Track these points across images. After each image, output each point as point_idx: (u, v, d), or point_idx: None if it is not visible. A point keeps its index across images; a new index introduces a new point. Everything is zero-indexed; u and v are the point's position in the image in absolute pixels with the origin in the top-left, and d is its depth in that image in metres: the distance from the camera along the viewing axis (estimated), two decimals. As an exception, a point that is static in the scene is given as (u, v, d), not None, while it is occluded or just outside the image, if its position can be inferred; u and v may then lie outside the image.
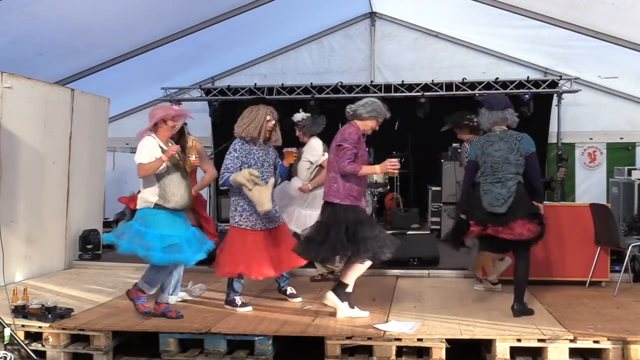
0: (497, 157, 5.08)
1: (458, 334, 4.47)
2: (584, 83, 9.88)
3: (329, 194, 4.89)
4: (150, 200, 4.77)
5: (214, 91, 10.61)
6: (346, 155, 4.76)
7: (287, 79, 10.63)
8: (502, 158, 5.06)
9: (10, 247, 5.83)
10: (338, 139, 4.89)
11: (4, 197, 6.16)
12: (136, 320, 4.86)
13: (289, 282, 5.66)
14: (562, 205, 6.58)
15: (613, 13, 6.61)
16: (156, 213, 4.75)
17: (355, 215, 4.81)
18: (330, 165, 4.97)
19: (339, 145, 4.83)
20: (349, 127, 4.93)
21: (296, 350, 4.86)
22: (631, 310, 5.14)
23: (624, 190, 8.60)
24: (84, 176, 7.46)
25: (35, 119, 6.66)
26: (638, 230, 7.13)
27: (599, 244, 6.02)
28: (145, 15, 7.35)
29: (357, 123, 4.95)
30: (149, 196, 4.78)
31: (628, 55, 7.49)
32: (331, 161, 4.95)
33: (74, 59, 7.80)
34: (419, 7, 9.80)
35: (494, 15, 8.13)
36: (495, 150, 5.11)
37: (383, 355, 4.39)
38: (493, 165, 5.09)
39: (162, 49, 8.26)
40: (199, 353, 4.59)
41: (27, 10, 6.18)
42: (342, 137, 4.85)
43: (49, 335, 4.67)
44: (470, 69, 10.30)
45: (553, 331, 4.46)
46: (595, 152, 10.28)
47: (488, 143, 5.18)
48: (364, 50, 10.81)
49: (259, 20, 8.54)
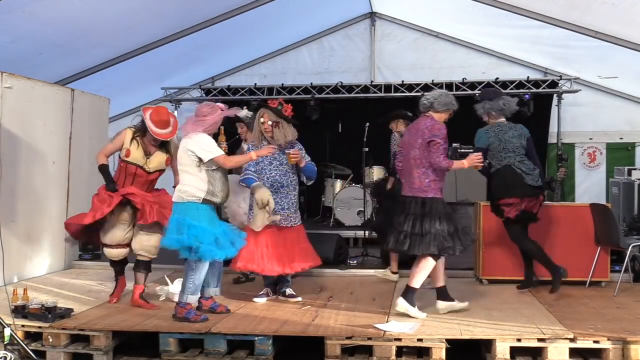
0: (516, 142, 5.66)
1: (458, 334, 4.47)
2: (584, 83, 9.89)
3: (420, 189, 4.90)
4: (198, 195, 4.82)
5: (214, 91, 10.62)
6: (439, 150, 4.84)
7: (287, 79, 10.63)
8: (518, 142, 5.66)
9: (10, 247, 5.82)
10: (427, 135, 4.87)
11: (4, 197, 6.16)
12: (136, 320, 4.86)
13: (289, 285, 5.65)
14: (562, 205, 6.58)
15: (613, 13, 6.61)
16: (202, 208, 4.83)
17: (448, 209, 4.98)
18: (415, 161, 4.93)
19: (430, 141, 4.84)
20: (431, 121, 4.95)
21: (296, 350, 4.86)
22: (631, 310, 5.14)
23: (624, 190, 8.60)
24: (84, 176, 7.45)
25: (35, 119, 6.66)
26: (638, 230, 7.12)
27: (599, 244, 6.02)
28: (145, 15, 7.34)
29: (433, 115, 4.98)
30: (196, 191, 4.83)
31: (628, 55, 7.49)
32: (417, 157, 4.92)
33: (74, 59, 7.79)
34: (419, 7, 9.80)
35: (494, 15, 8.13)
36: (512, 137, 5.66)
37: (383, 355, 4.38)
38: (515, 149, 5.62)
39: (162, 49, 8.26)
40: (199, 353, 4.58)
41: (27, 10, 6.18)
42: (431, 133, 4.86)
43: (49, 335, 4.66)
44: (470, 69, 10.30)
45: (553, 331, 4.46)
46: (595, 152, 10.28)
47: (502, 132, 5.69)
48: (364, 50, 10.81)
49: (259, 20, 8.54)
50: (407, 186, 5.02)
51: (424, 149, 4.88)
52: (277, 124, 5.39)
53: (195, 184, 4.84)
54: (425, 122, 4.95)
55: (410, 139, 5.01)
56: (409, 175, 4.99)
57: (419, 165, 4.91)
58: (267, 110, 5.41)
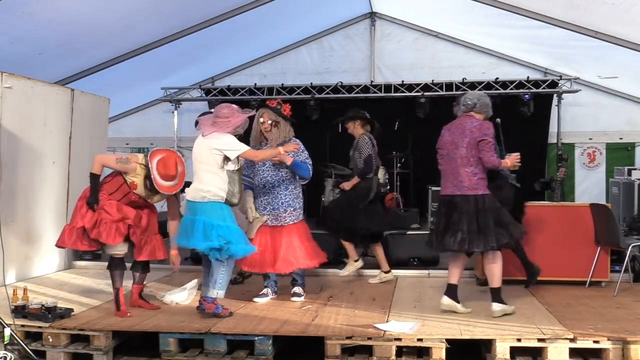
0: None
1: (458, 334, 4.47)
2: (583, 83, 9.89)
3: (470, 187, 4.94)
4: (220, 194, 4.92)
5: (214, 91, 10.61)
6: (491, 149, 4.92)
7: (287, 79, 10.63)
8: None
9: (10, 247, 5.82)
10: (477, 134, 4.92)
11: (4, 197, 6.16)
12: (136, 320, 4.86)
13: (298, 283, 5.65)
14: (562, 205, 6.58)
15: (613, 13, 6.61)
16: (224, 207, 4.94)
17: (497, 203, 5.01)
18: (462, 160, 4.96)
19: (482, 140, 4.90)
20: (477, 121, 5.01)
21: (296, 350, 4.87)
22: (631, 310, 5.14)
23: (624, 190, 8.60)
24: (84, 176, 7.37)
25: (35, 119, 6.65)
26: (638, 230, 7.12)
27: (599, 244, 6.02)
28: (145, 15, 7.35)
29: (475, 116, 5.05)
30: (218, 190, 4.92)
31: (628, 55, 7.49)
32: (464, 156, 4.95)
33: (74, 59, 7.79)
34: (419, 7, 9.80)
35: (494, 15, 8.13)
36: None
37: (383, 355, 4.38)
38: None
39: (162, 49, 8.26)
40: (199, 353, 4.58)
41: (27, 10, 6.18)
42: (482, 132, 4.93)
43: (49, 335, 4.67)
44: (470, 69, 10.30)
45: (553, 331, 4.46)
46: (594, 152, 10.28)
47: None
48: (364, 50, 10.81)
49: (259, 20, 8.54)
50: (453, 185, 5.03)
51: (472, 147, 4.93)
52: (277, 123, 5.44)
53: (218, 184, 4.91)
54: (472, 122, 5.00)
55: (454, 139, 5.03)
56: (455, 174, 5.01)
57: (466, 164, 4.96)
58: (267, 110, 5.48)
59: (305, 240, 5.60)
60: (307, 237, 5.64)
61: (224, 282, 4.94)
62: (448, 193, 5.06)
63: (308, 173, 5.57)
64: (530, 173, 8.23)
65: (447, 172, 5.10)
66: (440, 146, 5.21)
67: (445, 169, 5.15)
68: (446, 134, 5.16)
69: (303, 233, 5.61)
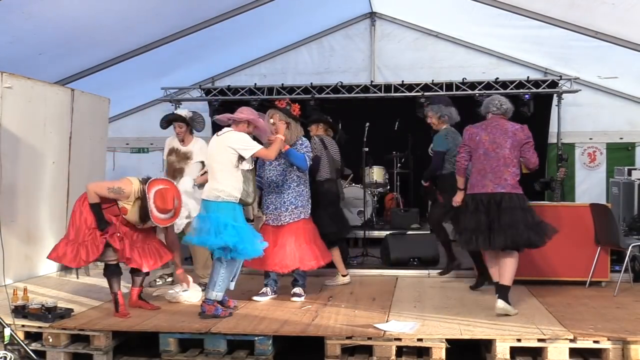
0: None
1: (458, 334, 4.47)
2: (583, 83, 9.87)
3: (514, 186, 5.11)
4: (235, 194, 4.94)
5: (214, 91, 10.59)
6: (535, 151, 5.22)
7: (287, 79, 10.61)
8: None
9: (10, 247, 5.82)
10: (522, 137, 5.16)
11: (4, 197, 6.16)
12: (136, 321, 4.86)
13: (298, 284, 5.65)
14: (562, 205, 6.58)
15: (613, 13, 6.60)
16: (237, 208, 4.96)
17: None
18: (506, 160, 5.12)
19: (527, 142, 5.18)
20: (517, 124, 5.26)
21: (296, 350, 4.87)
22: (631, 310, 5.15)
23: (624, 190, 8.59)
24: (83, 176, 7.45)
25: (35, 119, 6.66)
26: (638, 230, 7.12)
27: (599, 244, 6.02)
28: (145, 15, 7.34)
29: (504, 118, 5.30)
30: (233, 190, 4.93)
31: (628, 55, 7.49)
32: (507, 156, 5.12)
33: (74, 59, 7.79)
34: (419, 7, 9.79)
35: (494, 15, 8.12)
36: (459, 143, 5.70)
37: (383, 355, 4.39)
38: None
39: (162, 49, 8.25)
40: (199, 353, 4.59)
41: (27, 10, 6.18)
42: (526, 135, 5.18)
43: (49, 336, 4.67)
44: (470, 69, 10.28)
45: (553, 331, 4.47)
46: (595, 152, 10.27)
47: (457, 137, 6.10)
48: (364, 50, 10.79)
49: (259, 20, 8.53)
50: (494, 183, 5.10)
51: (515, 149, 5.14)
52: (287, 124, 5.44)
53: (233, 184, 4.93)
54: (513, 125, 5.23)
55: (495, 139, 5.17)
56: (498, 173, 5.11)
57: (509, 164, 5.12)
58: (277, 112, 5.48)
59: (311, 240, 5.58)
60: (312, 237, 5.62)
61: (223, 284, 4.96)
62: (488, 191, 5.11)
63: (305, 164, 5.54)
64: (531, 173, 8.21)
65: (486, 170, 5.15)
66: (473, 145, 5.26)
67: (482, 167, 5.19)
68: (482, 133, 5.23)
69: (308, 233, 5.60)
